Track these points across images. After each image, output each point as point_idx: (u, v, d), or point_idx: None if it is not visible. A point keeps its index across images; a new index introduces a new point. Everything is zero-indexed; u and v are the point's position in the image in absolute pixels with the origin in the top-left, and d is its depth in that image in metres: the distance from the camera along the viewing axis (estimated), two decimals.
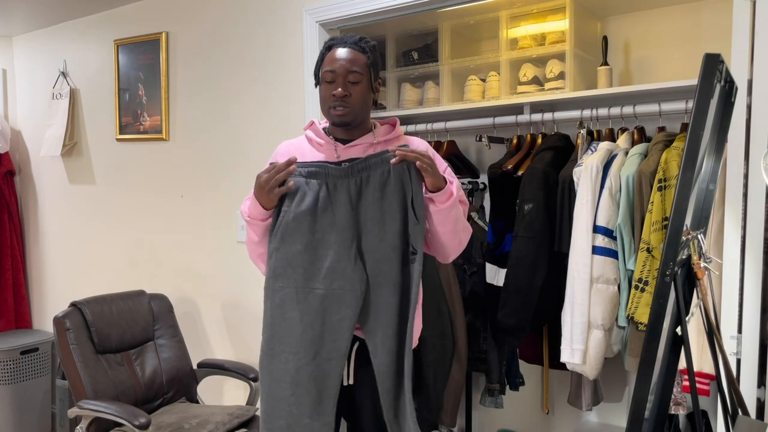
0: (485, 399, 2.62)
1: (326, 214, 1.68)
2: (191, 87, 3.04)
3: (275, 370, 1.69)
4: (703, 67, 1.19)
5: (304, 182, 1.69)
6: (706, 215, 1.50)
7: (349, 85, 1.71)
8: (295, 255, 1.68)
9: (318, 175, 1.69)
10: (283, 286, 1.68)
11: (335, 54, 1.72)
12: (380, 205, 1.67)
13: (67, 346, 2.46)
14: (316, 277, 1.68)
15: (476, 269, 2.59)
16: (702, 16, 2.44)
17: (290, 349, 1.67)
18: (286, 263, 1.68)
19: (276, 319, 1.69)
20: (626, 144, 2.28)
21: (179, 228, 3.13)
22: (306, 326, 1.67)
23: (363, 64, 1.72)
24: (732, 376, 1.33)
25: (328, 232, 1.68)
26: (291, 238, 1.68)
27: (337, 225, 1.67)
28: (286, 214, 1.69)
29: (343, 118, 1.73)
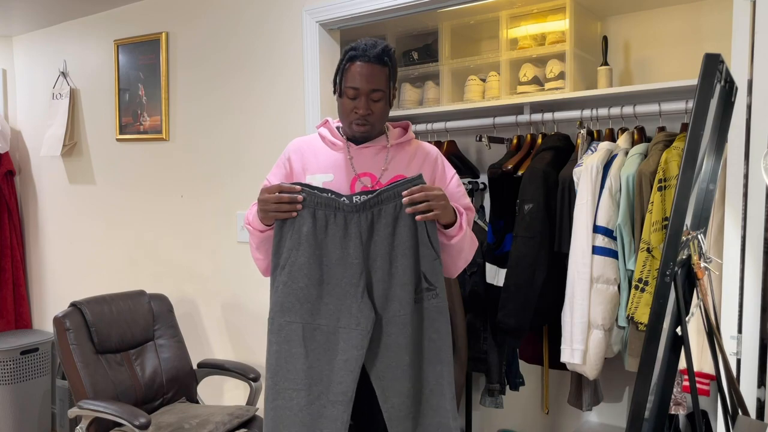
0: (485, 399, 2.62)
1: (335, 249, 1.65)
2: (191, 87, 3.04)
3: (279, 407, 1.66)
4: (703, 67, 1.19)
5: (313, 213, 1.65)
6: (706, 215, 1.50)
7: (371, 102, 1.71)
8: (302, 290, 1.66)
9: (328, 208, 1.65)
10: (289, 321, 1.66)
11: (358, 69, 1.69)
12: (391, 241, 1.65)
13: (67, 346, 2.46)
14: (322, 313, 1.66)
15: (476, 269, 2.59)
16: (702, 16, 2.44)
17: (295, 386, 1.65)
18: (294, 298, 1.66)
19: (282, 355, 1.66)
20: (626, 144, 2.28)
21: (179, 228, 3.13)
22: (312, 363, 1.64)
23: (385, 80, 1.72)
24: (732, 376, 1.33)
25: (336, 267, 1.65)
26: (299, 272, 1.65)
27: (344, 260, 1.65)
28: (294, 248, 1.65)
29: (365, 134, 1.75)
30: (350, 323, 1.64)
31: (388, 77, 1.73)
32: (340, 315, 1.65)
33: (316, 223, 1.65)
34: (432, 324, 1.68)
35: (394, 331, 1.65)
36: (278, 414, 1.66)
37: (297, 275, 1.65)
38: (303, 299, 1.66)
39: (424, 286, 1.67)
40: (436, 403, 1.68)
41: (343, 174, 1.76)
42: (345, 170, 1.76)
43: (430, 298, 1.67)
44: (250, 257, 2.83)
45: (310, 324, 1.65)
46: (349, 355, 1.63)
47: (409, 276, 1.65)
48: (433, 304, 1.67)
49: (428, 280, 1.67)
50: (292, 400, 1.65)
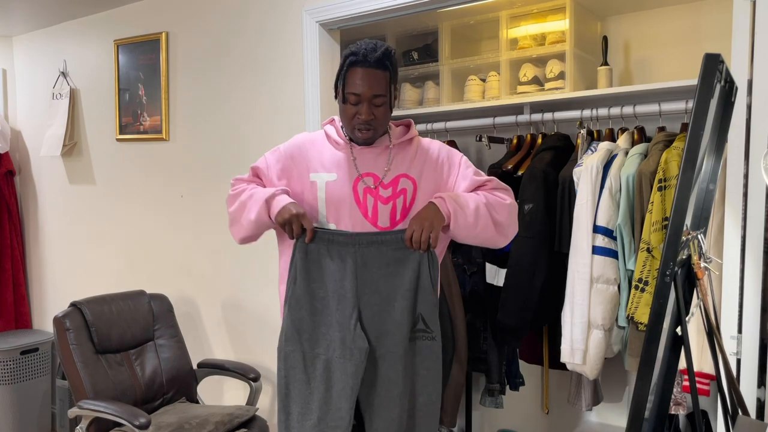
0: (485, 399, 2.62)
1: (330, 282, 1.71)
2: (191, 87, 3.04)
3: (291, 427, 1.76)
4: (703, 67, 1.19)
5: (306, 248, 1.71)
6: (706, 215, 1.50)
7: (373, 107, 1.71)
8: (302, 320, 1.74)
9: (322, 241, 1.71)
10: (292, 350, 1.74)
11: (359, 75, 1.68)
12: (391, 281, 1.70)
13: (67, 346, 2.46)
14: (320, 343, 1.73)
15: (476, 269, 2.59)
16: (702, 16, 2.44)
17: (300, 409, 1.74)
18: (294, 329, 1.74)
19: (289, 380, 1.76)
20: (626, 144, 2.28)
21: (179, 228, 3.13)
22: (313, 390, 1.73)
23: (386, 84, 1.71)
24: (732, 376, 1.33)
25: (331, 299, 1.71)
26: (296, 305, 1.73)
27: (338, 293, 1.71)
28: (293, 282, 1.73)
29: (368, 139, 1.76)
30: (345, 354, 1.70)
31: (389, 81, 1.72)
32: (335, 345, 1.71)
33: (312, 257, 1.72)
34: (423, 362, 1.74)
35: (385, 365, 1.72)
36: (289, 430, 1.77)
37: (295, 307, 1.74)
38: (302, 330, 1.74)
39: (420, 327, 1.73)
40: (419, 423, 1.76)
41: (346, 174, 1.77)
42: (348, 170, 1.77)
43: (424, 339, 1.74)
44: (250, 257, 2.84)
45: (309, 353, 1.74)
46: (344, 383, 1.71)
47: (406, 317, 1.71)
48: (426, 345, 1.74)
49: (425, 323, 1.73)
50: (300, 422, 1.74)
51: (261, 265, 2.80)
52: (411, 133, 1.84)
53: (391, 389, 1.72)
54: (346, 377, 1.70)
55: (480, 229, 1.73)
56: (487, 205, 1.72)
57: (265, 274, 2.79)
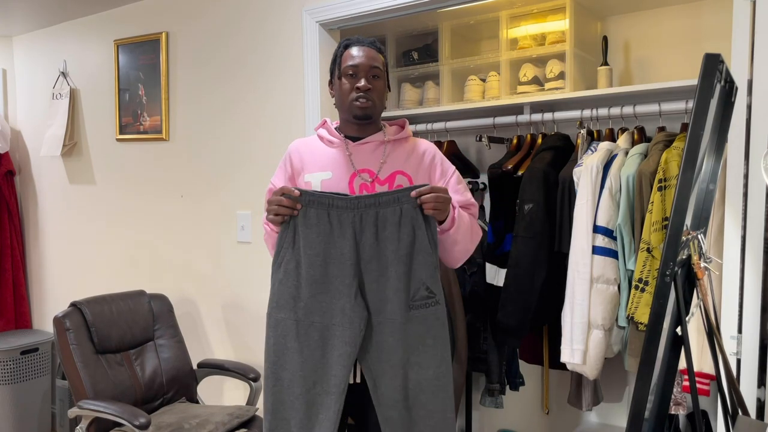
0: (485, 399, 2.62)
1: (329, 248, 1.67)
2: (191, 87, 3.04)
3: (278, 392, 1.72)
4: (703, 67, 1.19)
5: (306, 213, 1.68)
6: (706, 215, 1.50)
7: (371, 79, 1.75)
8: (297, 287, 1.70)
9: (321, 206, 1.67)
10: (285, 317, 1.71)
11: (355, 51, 1.76)
12: (388, 245, 1.67)
13: (67, 346, 2.46)
14: (316, 310, 1.69)
15: (476, 269, 2.59)
16: (702, 16, 2.44)
17: (291, 376, 1.71)
18: (288, 296, 1.70)
19: (279, 348, 1.72)
20: (626, 144, 2.28)
21: (179, 228, 3.13)
22: (306, 357, 1.70)
23: (382, 63, 1.79)
24: (732, 376, 1.33)
25: (330, 266, 1.68)
26: (293, 271, 1.69)
27: (338, 260, 1.67)
28: (289, 247, 1.70)
29: (366, 110, 1.76)
30: (344, 321, 1.67)
31: (384, 64, 1.80)
32: (333, 313, 1.68)
33: (310, 222, 1.68)
34: (429, 330, 1.70)
35: (386, 332, 1.68)
36: (278, 398, 1.72)
37: (291, 274, 1.70)
38: (297, 297, 1.70)
39: (423, 293, 1.69)
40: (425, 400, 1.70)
41: (342, 170, 1.78)
42: (344, 167, 1.78)
43: (429, 306, 1.69)
44: (250, 257, 2.85)
45: (303, 321, 1.70)
46: (342, 350, 1.67)
47: (404, 282, 1.67)
48: (431, 312, 1.70)
49: (428, 288, 1.69)
50: (290, 388, 1.71)
51: (261, 265, 2.80)
52: (405, 132, 1.86)
53: (391, 357, 1.68)
54: (343, 344, 1.66)
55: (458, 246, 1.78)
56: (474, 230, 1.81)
57: (266, 274, 2.77)
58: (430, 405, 1.70)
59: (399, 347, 1.68)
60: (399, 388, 1.69)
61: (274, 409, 1.73)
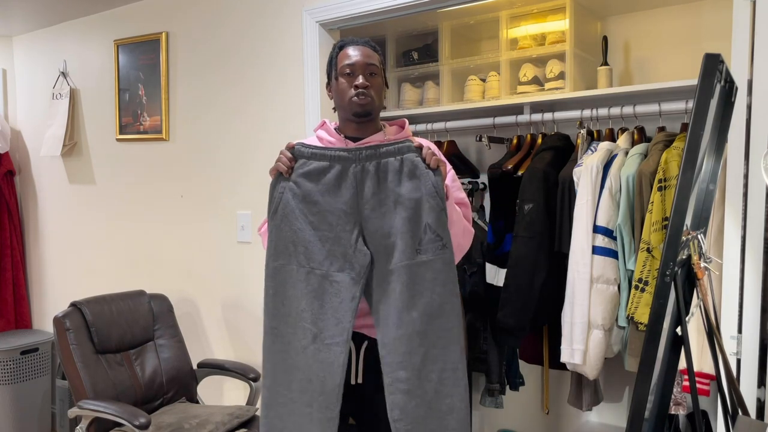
0: (485, 399, 2.62)
1: (329, 197, 1.65)
2: (191, 87, 3.04)
3: (278, 352, 1.66)
4: (703, 67, 1.19)
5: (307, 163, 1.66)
6: (706, 215, 1.50)
7: (368, 77, 1.76)
8: (296, 233, 1.66)
9: (323, 157, 1.66)
10: (284, 264, 1.67)
11: (350, 51, 1.77)
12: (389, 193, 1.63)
13: (67, 346, 2.46)
14: (316, 257, 1.65)
15: (476, 269, 2.59)
16: (702, 16, 2.44)
17: (292, 329, 1.65)
18: (287, 241, 1.66)
19: (278, 298, 1.67)
20: (626, 144, 2.28)
21: (179, 228, 3.13)
22: (306, 306, 1.64)
23: (378, 60, 1.80)
24: (732, 376, 1.33)
25: (331, 213, 1.65)
26: (292, 215, 1.66)
27: (338, 208, 1.65)
28: (288, 192, 1.66)
29: (366, 107, 1.76)
30: (344, 267, 1.64)
31: (380, 62, 1.81)
32: (333, 260, 1.65)
33: (310, 171, 1.66)
34: (438, 276, 1.64)
35: (393, 278, 1.64)
36: (277, 360, 1.67)
37: (290, 218, 1.66)
38: (297, 242, 1.66)
39: (429, 236, 1.64)
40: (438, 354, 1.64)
41: None
42: None
43: (437, 250, 1.63)
44: (250, 257, 2.85)
45: (304, 267, 1.66)
46: (343, 296, 1.64)
47: (409, 227, 1.62)
48: (439, 256, 1.64)
49: (434, 231, 1.63)
50: (290, 344, 1.65)
51: (261, 265, 2.80)
52: (405, 132, 1.86)
53: (398, 303, 1.62)
54: (344, 291, 1.63)
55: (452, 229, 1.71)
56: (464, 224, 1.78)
57: None
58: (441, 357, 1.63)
59: (406, 292, 1.62)
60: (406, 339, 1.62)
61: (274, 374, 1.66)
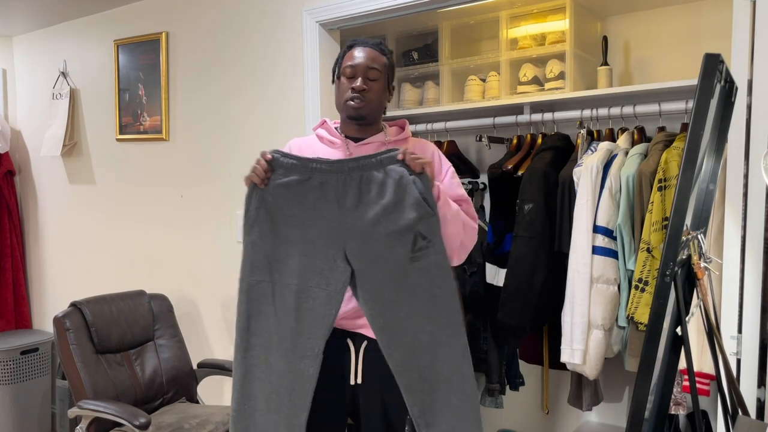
0: (485, 399, 2.62)
1: (307, 210, 1.63)
2: (191, 87, 3.04)
3: (248, 365, 1.66)
4: (703, 67, 1.19)
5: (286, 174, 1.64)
6: (706, 215, 1.50)
7: (368, 81, 1.75)
8: (273, 249, 1.64)
9: (303, 169, 1.63)
10: (259, 280, 1.66)
11: (356, 52, 1.77)
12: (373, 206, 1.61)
13: (67, 346, 2.46)
14: (291, 272, 1.64)
15: (476, 269, 2.59)
16: (702, 16, 2.44)
17: (264, 342, 1.65)
18: (262, 256, 1.65)
19: (251, 312, 1.66)
20: (626, 144, 2.28)
21: (179, 228, 3.13)
22: (280, 321, 1.64)
23: (382, 64, 1.77)
24: (732, 376, 1.33)
25: (309, 228, 1.63)
26: (269, 231, 1.64)
27: (318, 222, 1.63)
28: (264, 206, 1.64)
29: (359, 111, 1.75)
30: (321, 283, 1.63)
31: (386, 66, 1.78)
32: (310, 275, 1.64)
33: (288, 183, 1.64)
34: (433, 280, 1.63)
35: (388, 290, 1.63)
36: (248, 370, 1.66)
37: (267, 235, 1.64)
38: (273, 258, 1.65)
39: (420, 243, 1.62)
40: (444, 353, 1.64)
41: None
42: None
43: (429, 255, 1.62)
44: None
45: (279, 283, 1.65)
46: (316, 313, 1.63)
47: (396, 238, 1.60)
48: (432, 261, 1.62)
49: (424, 236, 1.61)
50: (260, 357, 1.65)
51: None
52: (406, 132, 1.86)
53: (395, 312, 1.62)
54: (319, 307, 1.62)
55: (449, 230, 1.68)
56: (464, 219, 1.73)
57: None
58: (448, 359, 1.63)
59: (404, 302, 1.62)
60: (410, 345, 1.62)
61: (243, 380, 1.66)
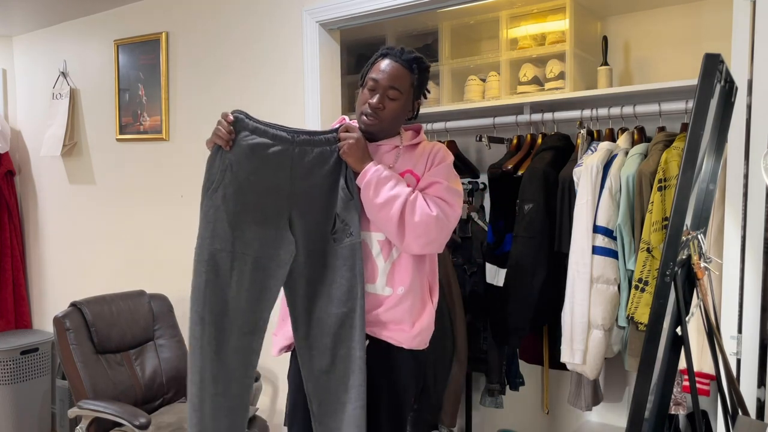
0: (485, 399, 2.62)
1: (266, 177, 1.66)
2: (191, 87, 3.04)
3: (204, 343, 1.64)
4: (703, 67, 1.19)
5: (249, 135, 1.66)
6: (706, 215, 1.50)
7: (386, 99, 1.73)
8: (235, 215, 1.65)
9: (265, 134, 1.66)
10: (220, 249, 1.64)
11: (383, 65, 1.74)
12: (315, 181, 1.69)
13: (67, 346, 2.46)
14: (247, 241, 1.66)
15: (476, 269, 2.59)
16: (702, 16, 2.44)
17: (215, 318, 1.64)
18: (226, 223, 1.64)
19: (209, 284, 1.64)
20: (626, 144, 2.28)
21: (179, 228, 3.13)
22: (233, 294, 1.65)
23: (406, 83, 1.75)
24: (732, 376, 1.33)
25: (263, 197, 1.66)
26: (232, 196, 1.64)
27: (272, 190, 1.66)
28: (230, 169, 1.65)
29: (369, 127, 1.76)
30: (272, 254, 1.67)
31: (412, 85, 1.76)
32: (263, 244, 1.66)
33: (253, 146, 1.66)
34: (345, 262, 1.69)
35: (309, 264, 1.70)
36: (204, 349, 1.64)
37: (230, 199, 1.64)
38: (234, 225, 1.65)
39: (339, 226, 1.70)
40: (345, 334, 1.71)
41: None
42: None
43: (345, 237, 1.70)
44: None
45: (239, 252, 1.66)
46: (265, 284, 1.67)
47: (323, 216, 1.69)
48: (347, 243, 1.70)
49: (342, 220, 1.70)
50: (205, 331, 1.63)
51: None
52: (420, 137, 1.86)
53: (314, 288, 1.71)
54: (268, 278, 1.66)
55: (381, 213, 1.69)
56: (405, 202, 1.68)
57: None
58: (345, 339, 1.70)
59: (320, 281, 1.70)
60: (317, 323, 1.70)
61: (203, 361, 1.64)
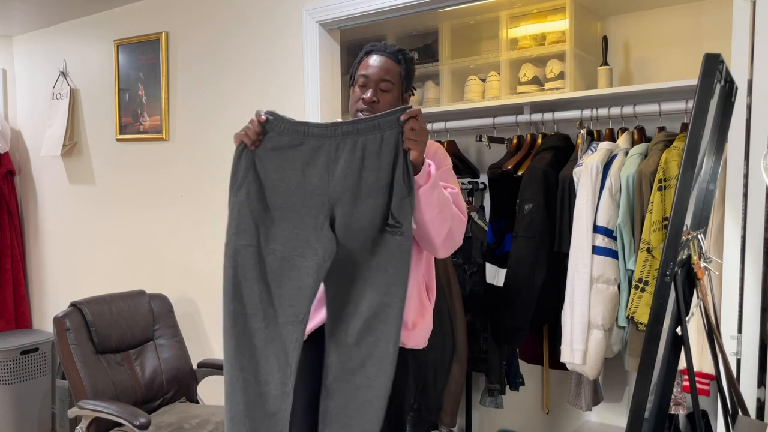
0: (485, 399, 2.62)
1: (295, 176, 1.60)
2: (191, 87, 3.04)
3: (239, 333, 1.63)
4: (703, 67, 1.19)
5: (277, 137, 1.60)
6: (706, 215, 1.50)
7: (379, 92, 1.74)
8: (260, 213, 1.61)
9: (295, 133, 1.59)
10: (245, 244, 1.62)
11: (371, 60, 1.75)
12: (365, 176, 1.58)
13: (67, 346, 2.46)
14: (277, 238, 1.62)
15: (476, 269, 2.59)
16: (702, 16, 2.45)
17: (250, 311, 1.63)
18: (250, 220, 1.61)
19: (237, 279, 1.62)
20: (626, 144, 2.28)
21: (179, 228, 3.13)
22: (264, 288, 1.62)
23: (396, 75, 1.76)
24: (732, 376, 1.33)
25: (294, 194, 1.60)
26: (257, 194, 1.61)
27: (305, 188, 1.59)
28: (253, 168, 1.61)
29: None
30: (306, 252, 1.61)
31: (401, 75, 1.76)
32: (296, 243, 1.62)
33: (280, 146, 1.60)
34: (390, 259, 1.62)
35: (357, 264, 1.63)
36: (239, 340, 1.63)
37: (254, 197, 1.61)
38: (259, 222, 1.62)
39: (390, 222, 1.61)
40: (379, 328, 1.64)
41: None
42: None
43: (394, 234, 1.61)
44: None
45: (265, 248, 1.63)
46: (302, 282, 1.61)
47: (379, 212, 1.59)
48: (396, 241, 1.61)
49: (394, 217, 1.60)
50: (247, 324, 1.63)
51: None
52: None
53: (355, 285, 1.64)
54: (304, 276, 1.61)
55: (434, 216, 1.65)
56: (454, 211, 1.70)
57: None
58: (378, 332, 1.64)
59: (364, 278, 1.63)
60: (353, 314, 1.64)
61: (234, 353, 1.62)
